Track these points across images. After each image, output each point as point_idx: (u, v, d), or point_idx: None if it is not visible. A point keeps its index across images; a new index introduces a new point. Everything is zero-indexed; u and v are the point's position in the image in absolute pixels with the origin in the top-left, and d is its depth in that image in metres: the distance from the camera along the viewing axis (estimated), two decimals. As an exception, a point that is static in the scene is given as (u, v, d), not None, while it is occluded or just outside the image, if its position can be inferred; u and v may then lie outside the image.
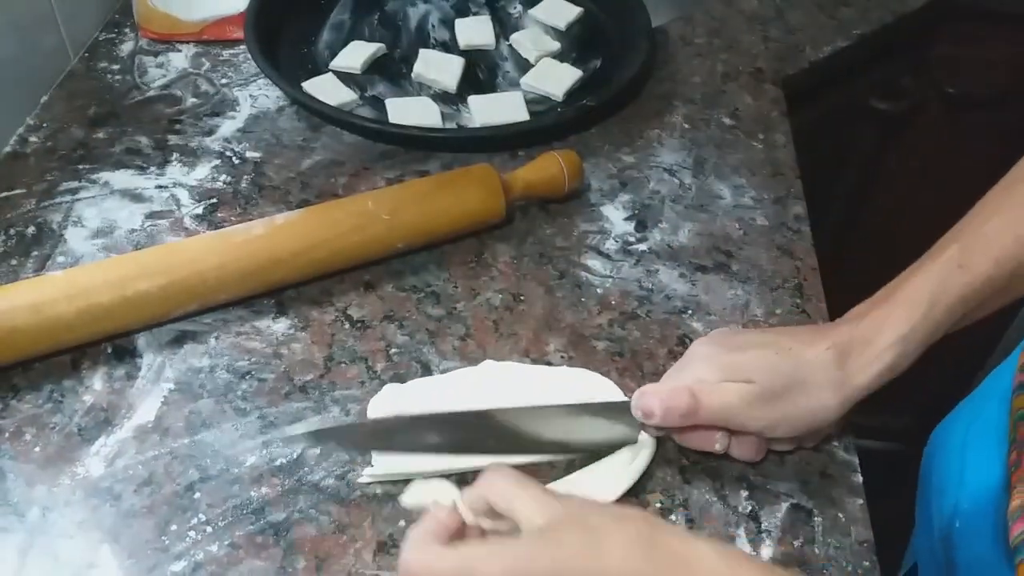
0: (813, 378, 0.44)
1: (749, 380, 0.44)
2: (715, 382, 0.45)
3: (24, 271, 0.57)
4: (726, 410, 0.44)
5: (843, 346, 0.44)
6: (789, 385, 0.44)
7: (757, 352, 0.45)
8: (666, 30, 0.80)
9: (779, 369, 0.44)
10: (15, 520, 0.45)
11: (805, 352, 0.44)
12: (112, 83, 0.72)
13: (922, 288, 0.44)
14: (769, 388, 0.44)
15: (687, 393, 0.44)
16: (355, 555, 0.44)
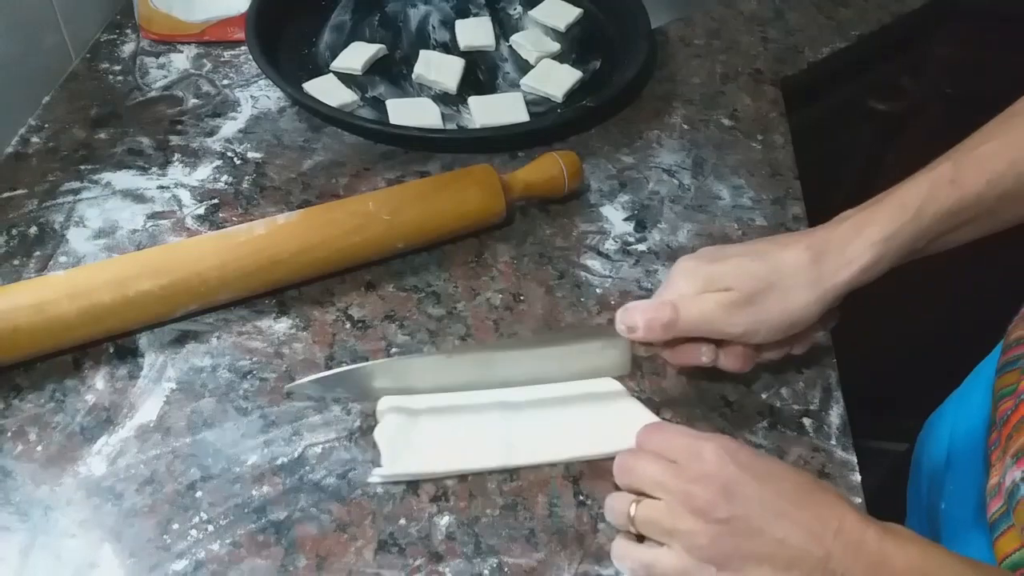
0: (789, 279, 0.44)
1: (727, 288, 0.45)
2: (695, 294, 0.46)
3: (26, 271, 0.57)
4: (705, 318, 0.45)
5: (821, 246, 0.45)
6: (765, 288, 0.44)
7: (734, 260, 0.46)
8: (665, 31, 0.81)
9: (755, 273, 0.45)
10: (17, 519, 0.45)
11: (782, 254, 0.45)
12: (114, 84, 0.72)
13: (911, 195, 0.45)
14: (746, 292, 0.45)
15: (667, 306, 0.45)
16: (356, 554, 0.45)
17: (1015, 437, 0.46)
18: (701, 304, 0.45)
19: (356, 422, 0.50)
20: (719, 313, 0.45)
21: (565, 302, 0.58)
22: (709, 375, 0.54)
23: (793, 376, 0.54)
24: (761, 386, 0.53)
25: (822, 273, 0.44)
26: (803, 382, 0.54)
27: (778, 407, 0.52)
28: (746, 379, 0.53)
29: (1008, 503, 0.45)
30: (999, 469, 0.47)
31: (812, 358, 0.55)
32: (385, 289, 0.58)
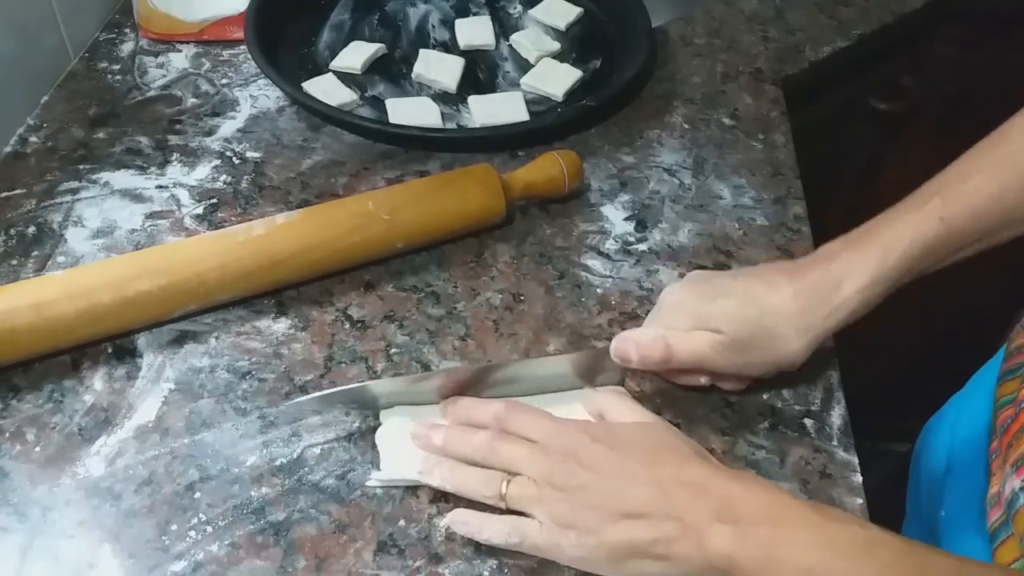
0: (780, 326, 0.46)
1: (718, 330, 0.46)
2: (686, 330, 0.47)
3: (24, 271, 0.57)
4: (697, 357, 0.47)
5: (810, 291, 0.46)
6: (755, 334, 0.46)
7: (725, 302, 0.47)
8: (666, 30, 0.80)
9: (746, 319, 0.46)
10: (16, 520, 0.45)
11: (771, 298, 0.46)
12: (112, 83, 0.72)
13: (899, 236, 0.45)
14: (736, 338, 0.46)
15: (661, 342, 0.47)
16: (355, 555, 0.45)
17: (1015, 446, 0.46)
18: (692, 343, 0.47)
19: (355, 423, 0.50)
20: (710, 354, 0.47)
21: (565, 302, 0.57)
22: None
23: (794, 376, 0.54)
24: (762, 386, 0.53)
25: (811, 322, 0.46)
26: (804, 382, 0.53)
27: (779, 408, 0.52)
28: (747, 379, 0.53)
29: (1007, 512, 0.45)
30: (999, 478, 0.47)
31: (814, 358, 0.55)
32: (384, 289, 0.58)
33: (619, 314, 0.57)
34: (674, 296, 0.49)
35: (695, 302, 0.48)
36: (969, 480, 0.53)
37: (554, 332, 0.55)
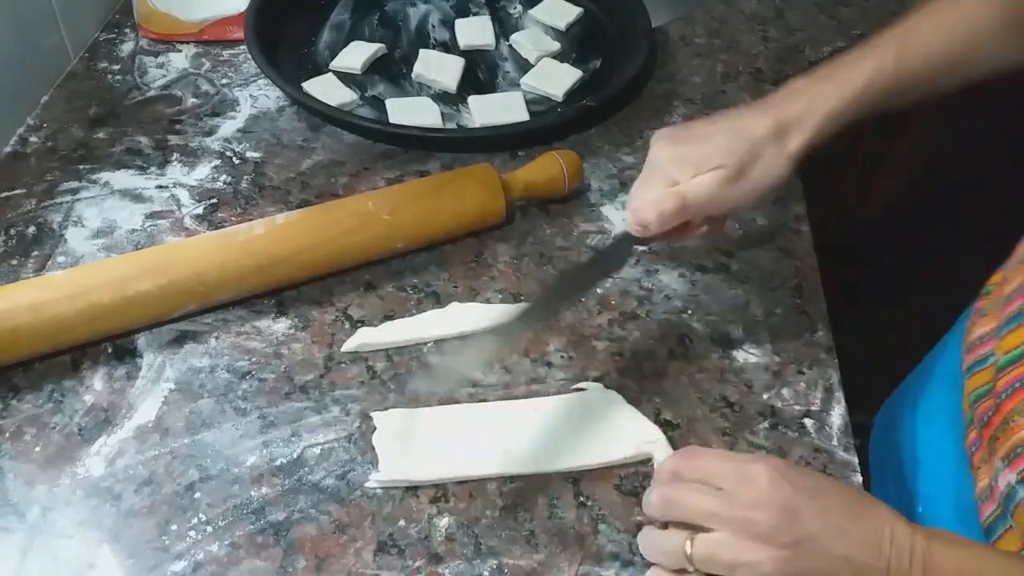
0: (766, 150, 0.50)
1: (718, 166, 0.49)
2: (690, 178, 0.49)
3: (24, 271, 0.57)
4: (711, 197, 0.49)
5: (782, 119, 0.50)
6: (749, 160, 0.49)
7: (717, 140, 0.50)
8: (666, 30, 0.80)
9: (739, 149, 0.49)
10: (15, 520, 0.45)
11: (752, 128, 0.50)
12: (112, 83, 0.72)
13: (858, 74, 0.50)
14: (737, 167, 0.49)
15: (674, 195, 0.49)
16: (355, 555, 0.45)
17: (1001, 439, 0.46)
18: (702, 186, 0.49)
19: (355, 423, 0.50)
20: (719, 190, 0.49)
21: (565, 302, 0.57)
22: (710, 376, 0.53)
23: (794, 376, 0.54)
24: (762, 387, 0.53)
25: (787, 144, 0.50)
26: (804, 383, 0.53)
27: (779, 408, 0.52)
28: (747, 380, 0.53)
29: (1004, 506, 0.45)
30: (987, 472, 0.47)
31: (813, 358, 0.55)
32: (384, 289, 0.58)
33: (619, 314, 0.57)
34: (664, 151, 0.51)
35: (688, 150, 0.50)
36: (943, 474, 0.53)
37: (554, 332, 0.55)
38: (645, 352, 0.55)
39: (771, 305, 0.58)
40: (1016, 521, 0.45)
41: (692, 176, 0.49)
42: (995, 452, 0.46)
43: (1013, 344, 0.48)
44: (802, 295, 0.59)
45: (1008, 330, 0.49)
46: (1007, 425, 0.46)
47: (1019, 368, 0.46)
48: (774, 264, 0.60)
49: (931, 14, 0.51)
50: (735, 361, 0.54)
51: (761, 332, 0.56)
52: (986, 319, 0.53)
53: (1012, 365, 0.47)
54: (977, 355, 0.52)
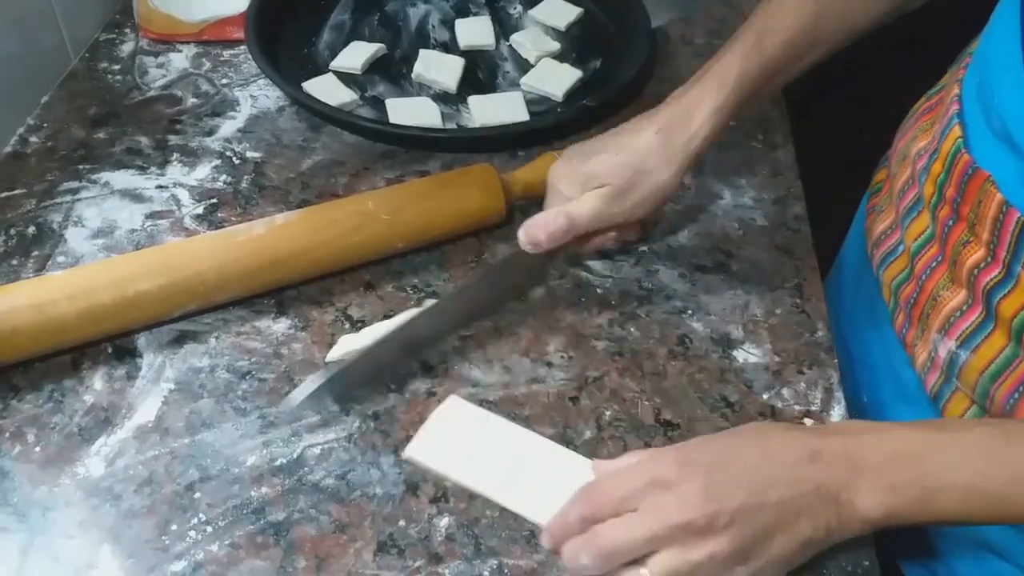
0: (649, 162, 0.53)
1: (603, 184, 0.53)
2: (578, 196, 0.53)
3: (25, 271, 0.57)
4: (595, 214, 0.53)
5: (667, 127, 0.53)
6: (633, 175, 0.53)
7: (601, 158, 0.53)
8: (666, 30, 0.80)
9: (622, 164, 0.53)
10: (16, 520, 0.45)
11: (637, 142, 0.53)
12: (113, 83, 0.72)
13: (729, 69, 0.53)
14: (620, 185, 0.53)
15: (561, 215, 0.53)
16: (355, 555, 0.45)
17: (932, 315, 0.50)
18: (587, 204, 0.53)
19: (355, 423, 0.50)
20: (603, 206, 0.53)
21: (565, 302, 0.57)
22: (710, 376, 0.53)
23: (794, 376, 0.54)
24: (762, 387, 0.53)
25: (675, 151, 0.52)
26: (804, 382, 0.53)
27: (779, 408, 0.52)
28: (747, 380, 0.53)
29: (948, 372, 0.49)
30: (924, 346, 0.51)
31: (813, 358, 0.55)
32: (384, 289, 0.58)
33: (619, 314, 0.57)
34: (557, 171, 0.55)
35: (577, 168, 0.54)
36: (877, 360, 0.58)
37: (554, 332, 0.55)
38: (645, 352, 0.55)
39: (771, 305, 0.58)
40: (962, 382, 0.48)
41: (580, 194, 0.53)
42: (929, 327, 0.50)
43: (919, 231, 0.52)
44: (802, 295, 0.59)
45: (911, 219, 0.53)
46: (935, 301, 0.50)
47: (932, 249, 0.50)
48: (774, 264, 0.60)
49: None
50: (735, 361, 0.54)
51: (761, 332, 0.56)
52: (884, 215, 0.58)
53: (924, 248, 0.51)
54: (886, 248, 0.56)
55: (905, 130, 0.59)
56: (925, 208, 0.51)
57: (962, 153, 0.47)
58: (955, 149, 0.48)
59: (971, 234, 0.47)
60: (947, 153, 0.49)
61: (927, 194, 0.51)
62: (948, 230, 0.49)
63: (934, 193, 0.50)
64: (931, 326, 0.50)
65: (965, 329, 0.48)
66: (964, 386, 0.49)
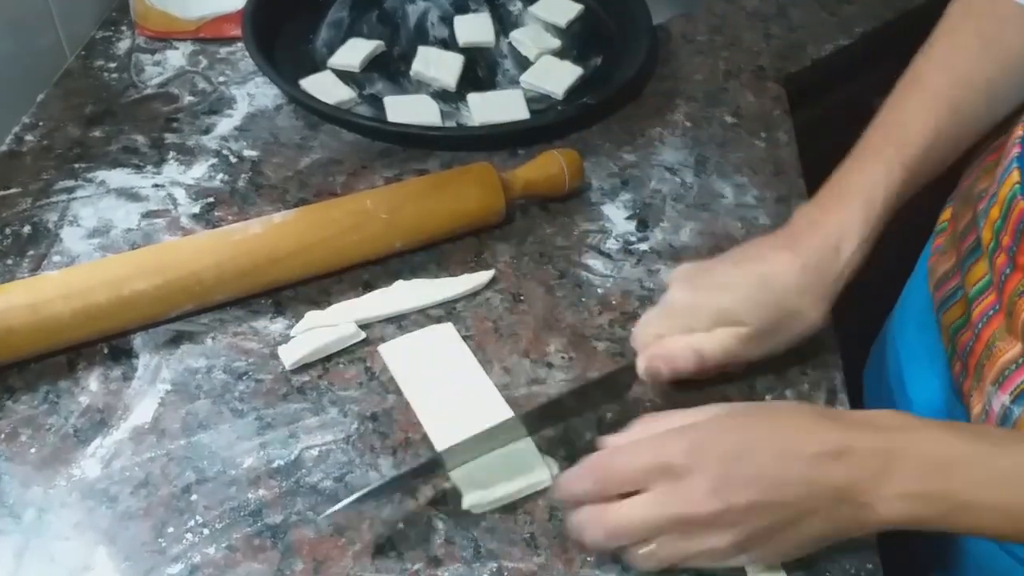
0: (797, 303, 0.47)
1: (740, 323, 0.47)
2: (707, 330, 0.47)
3: (20, 271, 0.57)
4: (729, 354, 0.47)
5: (815, 262, 0.47)
6: (778, 317, 0.47)
7: (740, 292, 0.47)
8: (667, 27, 0.80)
9: (766, 304, 0.47)
10: (11, 522, 0.45)
11: (783, 279, 0.47)
12: (109, 81, 0.72)
13: (875, 189, 0.48)
14: (762, 327, 0.47)
15: (689, 352, 0.47)
16: (353, 558, 0.44)
17: (987, 365, 0.47)
18: (721, 342, 0.47)
19: (353, 424, 0.50)
20: (739, 347, 0.47)
21: (566, 302, 0.57)
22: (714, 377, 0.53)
23: (798, 378, 0.53)
24: (765, 388, 0.53)
25: (823, 291, 0.47)
26: (808, 384, 0.53)
27: (781, 408, 0.52)
28: (750, 381, 0.53)
29: (1002, 426, 0.47)
30: (979, 398, 0.48)
31: (817, 359, 0.54)
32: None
33: (620, 314, 0.56)
34: (682, 296, 0.48)
35: (708, 299, 0.47)
36: (934, 408, 0.55)
37: (554, 332, 0.55)
38: (646, 352, 0.54)
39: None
40: None
41: (709, 328, 0.47)
42: (984, 378, 0.47)
43: (978, 276, 0.49)
44: (804, 295, 0.58)
45: (970, 264, 0.50)
46: (990, 351, 0.47)
47: (989, 297, 0.48)
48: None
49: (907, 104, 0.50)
50: (737, 361, 0.54)
51: (763, 332, 0.56)
52: (946, 256, 0.55)
53: (981, 295, 0.48)
54: (945, 291, 0.53)
55: (971, 170, 0.56)
56: (984, 254, 0.49)
57: (1018, 200, 0.45)
58: (1012, 195, 0.45)
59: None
60: (1004, 199, 0.46)
61: (985, 240, 0.48)
62: (1005, 279, 0.46)
63: (992, 239, 0.47)
64: (986, 377, 0.47)
65: (1020, 384, 0.45)
66: None
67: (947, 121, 0.49)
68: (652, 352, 0.47)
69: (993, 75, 0.49)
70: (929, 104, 0.49)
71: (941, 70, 0.51)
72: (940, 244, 0.57)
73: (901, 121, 0.49)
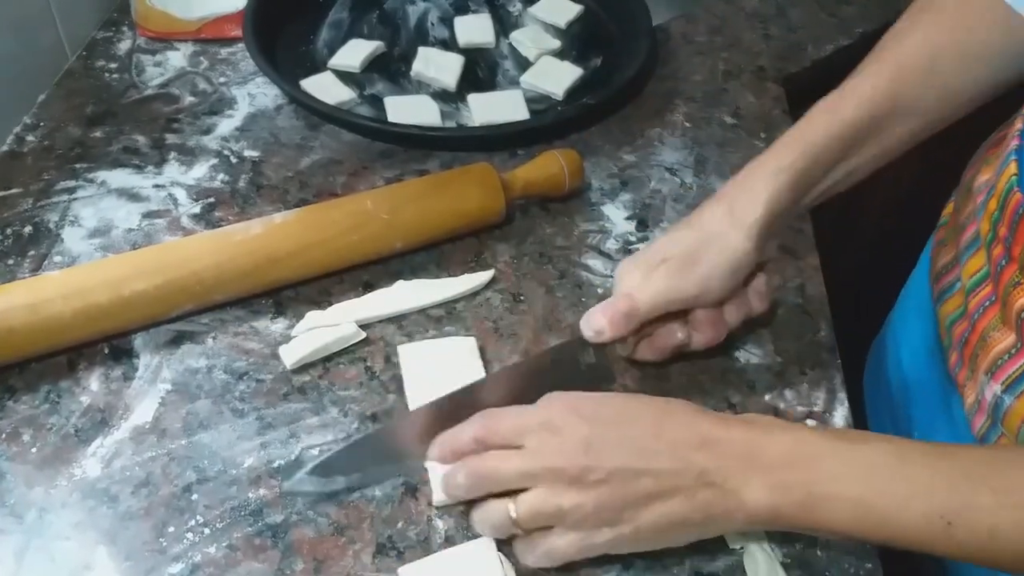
0: (715, 231, 0.48)
1: (666, 259, 0.48)
2: (642, 280, 0.48)
3: (21, 271, 0.57)
4: (660, 293, 0.47)
5: (729, 195, 0.49)
6: (698, 247, 0.47)
7: (663, 238, 0.49)
8: (667, 28, 0.80)
9: (684, 237, 0.48)
10: (12, 521, 0.45)
11: (700, 216, 0.49)
12: (110, 82, 0.72)
13: (795, 130, 0.49)
14: (682, 255, 0.47)
15: (622, 298, 0.47)
16: (354, 557, 0.44)
17: (982, 355, 0.48)
18: (651, 282, 0.47)
19: (354, 424, 0.50)
20: (669, 282, 0.47)
21: (566, 302, 0.57)
22: (712, 376, 0.53)
23: (797, 377, 0.53)
24: (764, 387, 0.53)
25: (739, 216, 0.48)
26: (807, 383, 0.53)
27: (782, 409, 0.52)
28: (749, 381, 0.53)
29: (994, 416, 0.47)
30: (973, 388, 0.49)
31: (816, 359, 0.54)
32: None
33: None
34: (621, 266, 0.50)
35: (640, 258, 0.49)
36: (932, 399, 0.55)
37: (554, 332, 0.55)
38: (646, 352, 0.54)
39: (773, 305, 0.57)
40: (1006, 427, 0.46)
41: (644, 277, 0.48)
42: (978, 368, 0.48)
43: (976, 268, 0.49)
44: (804, 295, 0.58)
45: (968, 256, 0.50)
46: (985, 342, 0.47)
47: (986, 288, 0.48)
48: (775, 264, 0.60)
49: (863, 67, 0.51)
50: (737, 361, 0.54)
51: (763, 332, 0.56)
52: (946, 248, 0.55)
53: (979, 287, 0.49)
54: (944, 283, 0.54)
55: (973, 163, 0.57)
56: (982, 245, 0.49)
57: (1015, 192, 0.45)
58: (1009, 187, 0.46)
59: (1021, 275, 0.45)
60: (1002, 190, 0.47)
61: (983, 231, 0.49)
62: (1001, 270, 0.46)
63: (989, 231, 0.48)
64: (980, 367, 0.48)
65: (1012, 373, 0.46)
66: (1008, 432, 0.47)
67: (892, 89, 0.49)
68: (588, 312, 0.48)
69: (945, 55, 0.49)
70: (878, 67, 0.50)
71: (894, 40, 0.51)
72: (942, 237, 0.57)
73: (849, 79, 0.50)
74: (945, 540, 0.37)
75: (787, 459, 0.39)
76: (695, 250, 0.47)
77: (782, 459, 0.39)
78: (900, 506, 0.38)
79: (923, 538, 0.38)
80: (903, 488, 0.38)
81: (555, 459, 0.40)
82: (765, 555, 0.44)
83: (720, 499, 0.39)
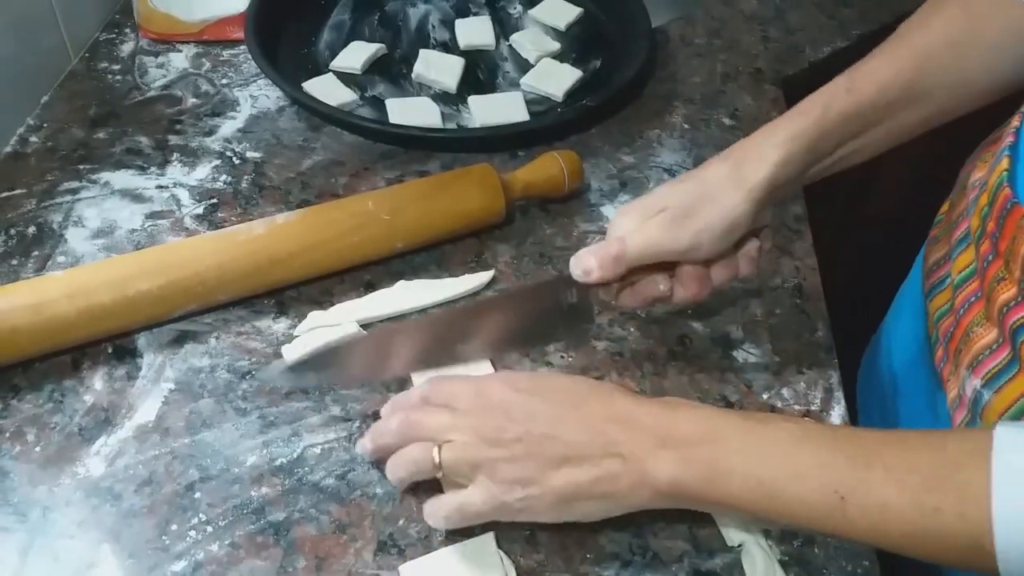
0: (716, 187, 0.48)
1: (663, 209, 0.48)
2: (636, 226, 0.48)
3: (25, 271, 0.57)
4: (651, 240, 0.48)
5: (736, 155, 0.49)
6: (696, 200, 0.47)
7: (664, 186, 0.50)
8: (666, 30, 0.80)
9: (684, 189, 0.48)
10: (16, 520, 0.45)
11: (704, 171, 0.49)
12: (113, 83, 0.72)
13: (811, 103, 0.49)
14: (680, 207, 0.47)
15: (614, 240, 0.48)
16: (355, 555, 0.45)
17: (964, 350, 0.48)
18: (644, 230, 0.48)
19: (356, 423, 0.50)
20: (662, 232, 0.47)
21: (565, 302, 0.57)
22: (710, 376, 0.53)
23: (794, 376, 0.54)
24: (762, 386, 0.53)
25: (743, 175, 0.48)
26: (804, 382, 0.54)
27: (779, 407, 0.52)
28: (747, 380, 0.53)
29: (973, 411, 0.47)
30: (955, 383, 0.49)
31: (814, 358, 0.55)
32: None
33: (619, 314, 0.57)
34: (619, 210, 0.50)
35: (639, 204, 0.49)
36: (919, 394, 0.56)
37: (554, 332, 0.55)
38: (645, 352, 0.55)
39: (771, 305, 0.58)
40: (984, 422, 0.47)
41: (639, 224, 0.48)
42: (960, 363, 0.49)
43: (965, 263, 0.50)
44: (802, 295, 0.59)
45: (959, 251, 0.51)
46: (968, 337, 0.48)
47: (973, 284, 0.48)
48: (774, 264, 0.60)
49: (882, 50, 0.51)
50: (735, 361, 0.54)
51: (761, 332, 0.56)
52: (939, 245, 0.55)
53: (966, 282, 0.49)
54: (935, 279, 0.54)
55: (969, 161, 0.57)
56: (972, 241, 0.49)
57: (1004, 187, 0.45)
58: (999, 182, 0.46)
59: (1005, 271, 0.45)
60: (992, 186, 0.47)
61: (973, 227, 0.49)
62: (987, 265, 0.47)
63: (979, 226, 0.48)
64: (962, 362, 0.48)
65: (991, 369, 0.46)
66: (986, 427, 0.46)
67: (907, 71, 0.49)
68: (579, 251, 0.49)
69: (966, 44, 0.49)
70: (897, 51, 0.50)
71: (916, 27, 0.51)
72: (935, 234, 0.58)
73: (867, 60, 0.50)
74: (840, 516, 0.38)
75: (694, 436, 0.41)
76: (692, 204, 0.47)
77: (689, 436, 0.41)
78: (796, 479, 0.39)
79: (819, 513, 0.39)
80: (801, 462, 0.39)
81: (475, 417, 0.43)
82: (763, 553, 0.45)
83: (626, 470, 0.41)
